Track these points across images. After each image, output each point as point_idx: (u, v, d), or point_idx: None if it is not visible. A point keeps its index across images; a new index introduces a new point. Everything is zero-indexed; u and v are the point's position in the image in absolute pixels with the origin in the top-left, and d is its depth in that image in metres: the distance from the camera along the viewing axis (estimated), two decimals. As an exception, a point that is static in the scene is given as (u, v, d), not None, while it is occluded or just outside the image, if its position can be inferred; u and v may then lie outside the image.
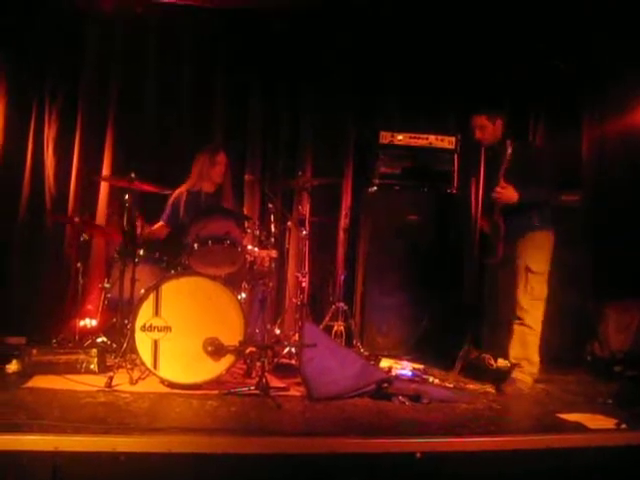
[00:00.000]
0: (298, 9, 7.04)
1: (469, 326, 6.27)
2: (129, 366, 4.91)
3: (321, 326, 6.42)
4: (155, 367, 4.72)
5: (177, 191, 6.15)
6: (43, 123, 6.86)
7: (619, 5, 6.34)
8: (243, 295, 5.51)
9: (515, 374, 5.27)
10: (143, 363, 4.75)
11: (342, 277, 7.17)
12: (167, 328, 4.76)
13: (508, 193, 5.24)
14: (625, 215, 6.69)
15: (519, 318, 5.32)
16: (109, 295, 5.70)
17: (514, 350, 5.34)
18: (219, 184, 6.23)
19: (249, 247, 5.58)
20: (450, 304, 6.96)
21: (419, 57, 7.36)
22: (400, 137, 7.01)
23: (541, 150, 6.62)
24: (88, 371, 5.03)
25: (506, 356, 5.38)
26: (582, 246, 6.68)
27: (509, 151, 5.19)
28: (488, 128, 5.62)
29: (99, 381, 4.67)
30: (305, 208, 6.33)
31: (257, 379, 4.63)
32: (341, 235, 7.44)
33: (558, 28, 6.86)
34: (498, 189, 5.26)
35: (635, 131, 6.95)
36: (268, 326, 5.88)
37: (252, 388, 4.60)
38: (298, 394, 4.76)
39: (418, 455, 3.51)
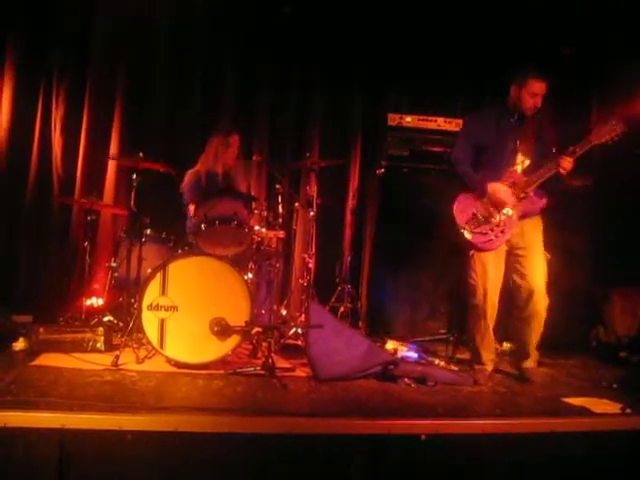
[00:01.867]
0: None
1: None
2: (135, 345, 4.92)
3: (327, 307, 6.44)
4: (161, 346, 4.74)
5: (192, 172, 6.08)
6: (51, 103, 6.86)
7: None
8: (250, 275, 5.52)
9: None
10: (149, 342, 4.76)
11: (349, 259, 7.19)
12: (174, 307, 4.77)
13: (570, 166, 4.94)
14: (632, 200, 6.67)
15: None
16: (116, 274, 5.74)
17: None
18: (231, 166, 6.20)
19: (256, 228, 5.59)
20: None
21: (428, 40, 7.31)
22: (408, 119, 6.99)
23: None
24: (95, 350, 5.05)
25: (526, 343, 5.15)
26: (588, 231, 6.67)
27: None
28: (540, 97, 5.10)
29: (106, 360, 4.68)
30: (312, 189, 6.35)
31: (263, 359, 4.66)
32: (348, 217, 7.45)
33: (567, 11, 6.83)
34: (570, 160, 4.92)
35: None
36: (274, 307, 5.90)
37: (258, 368, 4.62)
38: (304, 375, 4.78)
39: (423, 437, 3.52)
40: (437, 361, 5.47)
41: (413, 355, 5.56)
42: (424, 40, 7.31)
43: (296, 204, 6.49)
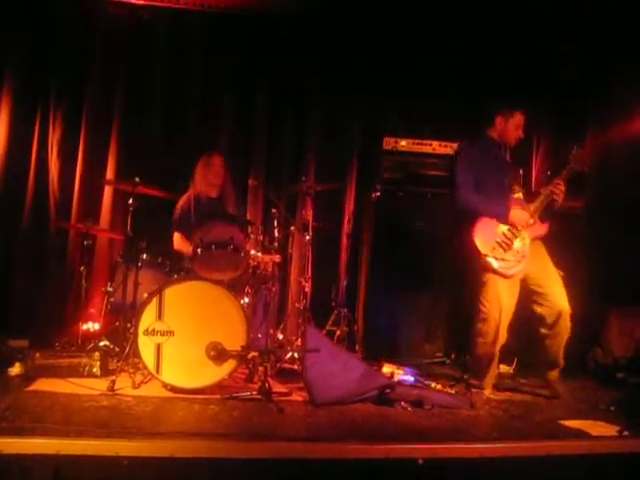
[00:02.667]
0: (304, 16, 7.07)
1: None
2: (132, 370, 4.90)
3: (323, 331, 6.44)
4: (158, 371, 4.73)
5: (184, 197, 6.14)
6: (48, 126, 6.90)
7: (621, 6, 6.36)
8: (246, 300, 5.52)
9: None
10: (146, 367, 4.75)
11: (345, 282, 7.19)
12: (170, 332, 4.77)
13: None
14: (628, 221, 6.69)
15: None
16: (112, 299, 5.73)
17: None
18: (221, 189, 6.23)
19: (252, 252, 5.58)
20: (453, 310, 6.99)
21: (424, 63, 7.37)
22: (403, 143, 7.01)
23: None
24: (91, 375, 5.03)
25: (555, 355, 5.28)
26: (585, 252, 6.68)
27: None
28: (521, 128, 5.47)
29: (102, 385, 4.66)
30: (308, 213, 6.38)
31: (259, 384, 4.64)
32: (344, 240, 7.45)
33: (560, 33, 6.89)
34: (562, 187, 5.18)
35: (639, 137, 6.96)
36: (271, 331, 5.87)
37: (254, 393, 4.60)
38: (300, 399, 4.76)
39: (420, 461, 3.50)
40: (433, 384, 5.45)
41: (409, 378, 5.54)
42: (419, 65, 7.37)
43: (292, 228, 6.49)
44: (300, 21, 7.19)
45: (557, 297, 5.16)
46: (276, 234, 5.84)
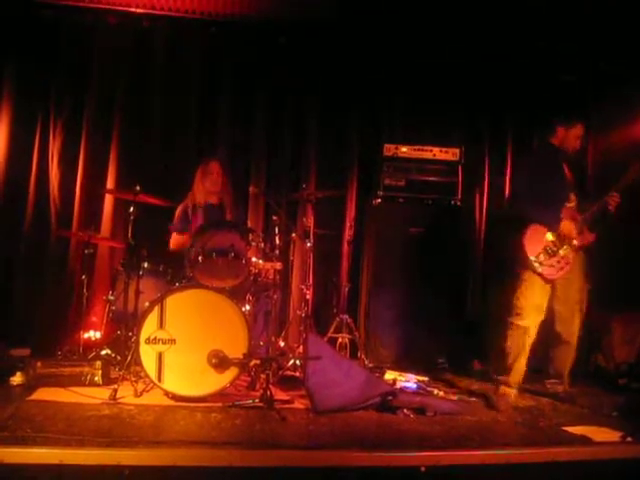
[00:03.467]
0: (303, 25, 7.08)
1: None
2: (133, 378, 4.89)
3: (325, 338, 6.42)
4: (159, 380, 4.72)
5: (182, 205, 6.18)
6: (48, 135, 6.91)
7: (621, 10, 6.37)
8: (247, 307, 5.51)
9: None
10: (147, 375, 4.74)
11: (346, 289, 7.17)
12: (171, 341, 4.76)
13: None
14: (630, 226, 6.68)
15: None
16: (113, 307, 5.72)
17: None
18: (221, 196, 6.24)
19: (253, 259, 5.58)
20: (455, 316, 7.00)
21: (422, 70, 7.39)
22: (404, 149, 7.03)
23: None
24: (92, 383, 5.02)
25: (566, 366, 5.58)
26: (586, 257, 6.67)
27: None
28: (582, 139, 5.74)
29: (103, 393, 4.65)
30: (309, 220, 6.38)
31: (261, 391, 4.63)
32: (345, 247, 7.45)
33: (564, 39, 6.89)
34: (617, 196, 5.47)
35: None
36: (272, 338, 5.87)
37: (256, 401, 4.59)
38: (302, 407, 4.75)
39: (423, 469, 3.49)
40: (436, 391, 5.46)
41: (412, 385, 5.54)
42: (419, 72, 7.38)
43: (293, 235, 6.48)
44: (299, 29, 7.21)
45: (575, 305, 5.53)
46: (277, 241, 5.84)
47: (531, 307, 5.38)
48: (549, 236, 5.42)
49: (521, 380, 5.48)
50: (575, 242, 5.43)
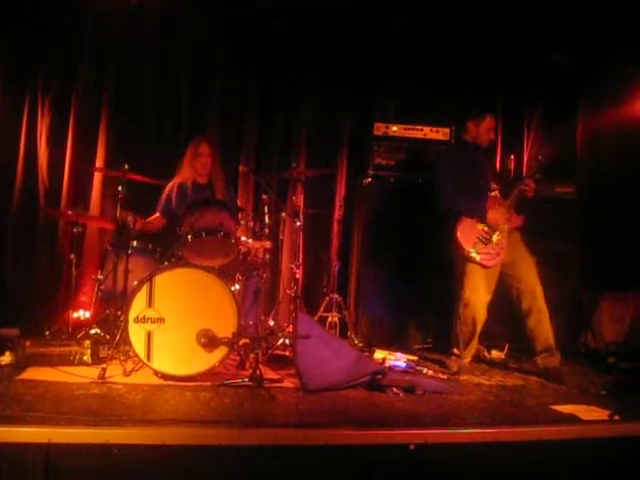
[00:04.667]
0: (297, 7, 7.02)
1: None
2: (122, 358, 4.90)
3: (315, 317, 6.44)
4: (148, 359, 4.71)
5: (170, 183, 6.15)
6: (36, 114, 6.83)
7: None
8: (237, 286, 5.52)
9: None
10: (136, 355, 4.74)
11: (336, 268, 7.16)
12: (160, 320, 4.75)
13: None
14: (619, 206, 6.70)
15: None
16: (102, 287, 5.71)
17: None
18: (210, 175, 6.21)
19: (243, 238, 5.57)
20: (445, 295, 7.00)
21: (414, 50, 7.35)
22: (395, 128, 7.01)
23: None
24: (81, 363, 5.03)
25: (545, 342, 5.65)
26: (576, 237, 6.69)
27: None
28: (493, 130, 6.09)
29: (92, 373, 4.65)
30: (299, 199, 6.35)
31: (251, 371, 4.63)
32: (335, 226, 7.44)
33: (554, 20, 6.85)
34: (532, 185, 5.66)
35: (630, 123, 6.96)
36: (262, 317, 5.89)
37: (246, 380, 4.60)
38: (292, 385, 4.76)
39: (412, 447, 3.51)
40: (425, 370, 5.47)
41: (401, 364, 5.55)
42: (410, 51, 7.34)
43: (283, 214, 6.47)
44: (292, 10, 7.14)
45: (530, 278, 5.67)
46: (267, 220, 5.83)
47: (476, 295, 5.68)
48: (480, 225, 5.68)
49: (473, 352, 5.87)
50: (505, 227, 5.67)
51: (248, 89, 7.39)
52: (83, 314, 6.14)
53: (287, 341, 5.71)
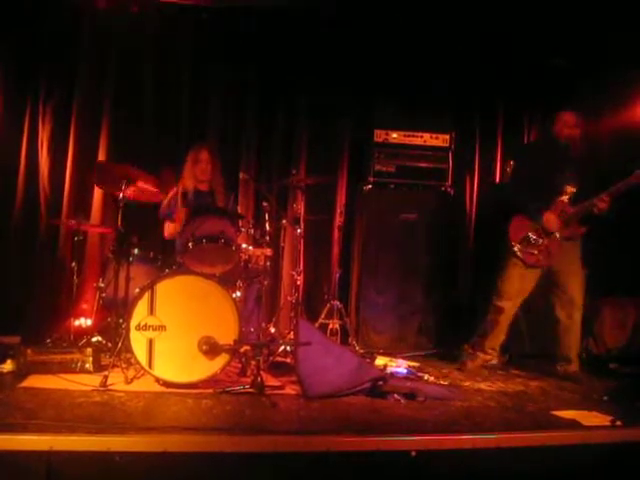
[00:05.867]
0: (293, 9, 7.04)
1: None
2: (124, 365, 4.89)
3: (316, 324, 6.44)
4: (150, 366, 4.71)
5: (173, 191, 6.13)
6: (37, 123, 6.84)
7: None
8: (238, 293, 5.52)
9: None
10: (138, 362, 4.73)
11: (337, 275, 7.17)
12: (162, 327, 4.75)
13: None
14: (621, 213, 6.69)
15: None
16: (104, 294, 5.71)
17: None
18: (211, 182, 6.20)
19: (244, 246, 5.58)
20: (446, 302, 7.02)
21: (414, 56, 7.35)
22: (395, 135, 7.03)
23: None
24: (83, 370, 5.02)
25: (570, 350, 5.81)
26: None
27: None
28: (572, 127, 5.87)
29: (94, 380, 4.64)
30: (300, 206, 6.36)
31: (252, 378, 4.63)
32: (336, 233, 7.43)
33: (553, 24, 6.86)
34: (606, 200, 5.56)
35: (632, 128, 6.96)
36: (263, 324, 5.90)
37: (247, 387, 4.60)
38: (293, 392, 4.76)
39: (413, 453, 3.51)
40: (426, 376, 5.47)
41: (402, 371, 5.55)
42: (409, 57, 7.34)
43: (283, 221, 6.46)
44: (289, 14, 7.16)
45: (574, 290, 5.76)
46: (267, 227, 5.84)
47: (512, 290, 5.80)
48: (533, 225, 5.73)
49: (495, 352, 5.99)
50: (557, 235, 5.67)
51: (248, 95, 7.40)
52: (84, 322, 6.15)
53: (288, 348, 5.71)
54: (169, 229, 6.06)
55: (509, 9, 6.75)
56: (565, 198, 5.73)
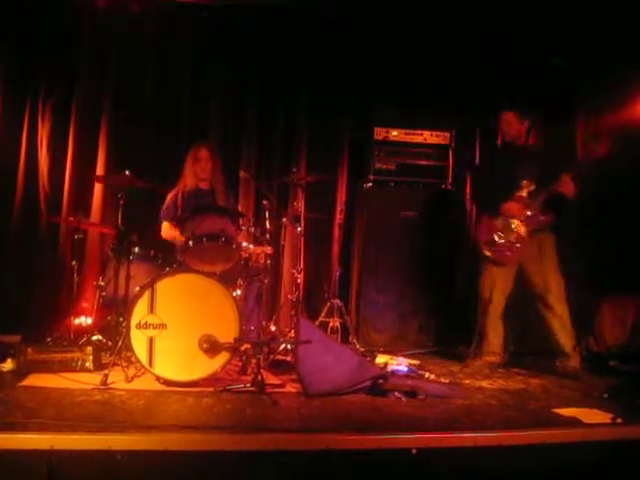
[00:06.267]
0: (294, 7, 7.03)
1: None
2: (124, 364, 4.88)
3: (317, 322, 6.44)
4: (150, 365, 4.71)
5: (174, 190, 6.13)
6: (37, 121, 6.85)
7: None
8: (238, 292, 5.52)
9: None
10: (138, 361, 4.73)
11: (337, 273, 7.18)
12: (162, 325, 4.75)
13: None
14: (621, 210, 6.69)
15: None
16: (104, 293, 5.71)
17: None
18: (212, 180, 6.20)
19: (244, 244, 5.57)
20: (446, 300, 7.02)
21: (414, 55, 7.35)
22: (395, 133, 7.04)
23: None
24: (83, 369, 5.02)
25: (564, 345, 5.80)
26: (578, 241, 6.69)
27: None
28: (514, 125, 5.88)
29: (94, 379, 4.63)
30: (300, 204, 6.36)
31: (253, 376, 4.63)
32: (336, 231, 7.45)
33: (553, 24, 6.85)
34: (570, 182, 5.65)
35: (632, 126, 6.95)
36: (263, 323, 5.90)
37: (248, 385, 4.59)
38: (294, 390, 4.76)
39: (414, 451, 3.50)
40: (427, 374, 5.47)
41: (403, 369, 5.55)
42: (409, 57, 7.34)
43: (284, 219, 6.46)
44: (289, 13, 7.15)
45: (552, 284, 5.75)
46: (268, 226, 5.83)
47: (490, 288, 5.85)
48: (496, 221, 5.78)
49: (498, 350, 5.94)
50: (523, 228, 5.70)
51: (248, 94, 7.41)
52: (85, 320, 6.15)
53: (289, 346, 5.70)
54: (167, 230, 6.06)
55: (509, 9, 6.75)
56: (524, 192, 5.77)
